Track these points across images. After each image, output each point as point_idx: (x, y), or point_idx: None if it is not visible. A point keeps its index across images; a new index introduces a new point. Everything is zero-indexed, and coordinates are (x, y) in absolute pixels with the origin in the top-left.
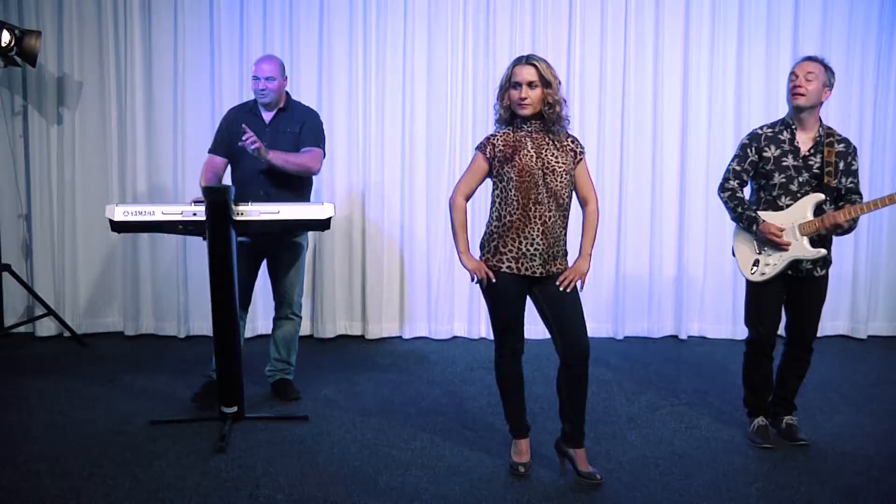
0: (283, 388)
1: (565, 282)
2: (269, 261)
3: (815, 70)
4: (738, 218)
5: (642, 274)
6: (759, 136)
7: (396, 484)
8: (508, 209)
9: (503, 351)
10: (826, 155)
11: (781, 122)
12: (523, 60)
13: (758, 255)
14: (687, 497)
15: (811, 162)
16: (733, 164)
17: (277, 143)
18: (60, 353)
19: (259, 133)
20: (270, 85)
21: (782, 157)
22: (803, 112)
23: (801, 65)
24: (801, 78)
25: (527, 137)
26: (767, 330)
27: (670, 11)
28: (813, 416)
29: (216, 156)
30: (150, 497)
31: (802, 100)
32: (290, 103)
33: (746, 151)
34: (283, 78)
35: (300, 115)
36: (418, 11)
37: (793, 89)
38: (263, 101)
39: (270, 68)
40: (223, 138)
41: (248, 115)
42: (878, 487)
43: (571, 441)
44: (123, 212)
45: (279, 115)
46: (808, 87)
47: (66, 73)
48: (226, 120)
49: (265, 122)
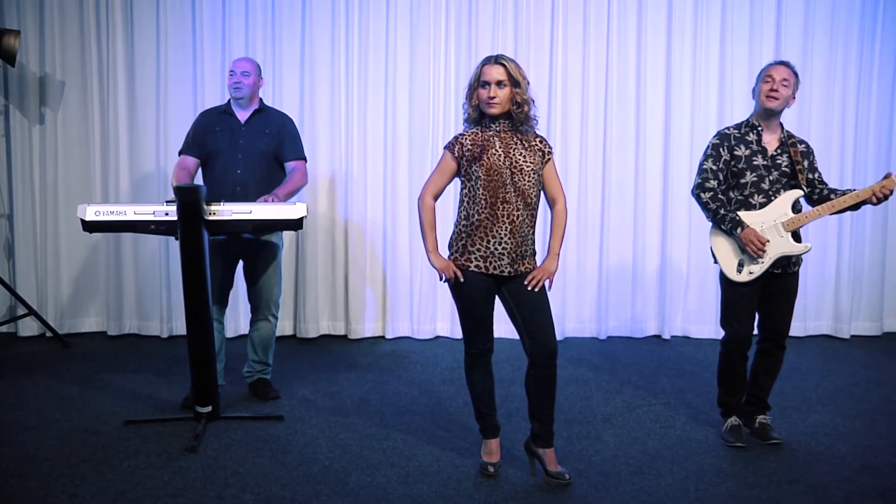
0: (262, 387)
1: (533, 281)
2: (245, 263)
3: (789, 78)
4: (720, 220)
5: (625, 274)
6: (728, 136)
7: (365, 483)
8: (477, 208)
9: (472, 350)
10: (793, 154)
11: (746, 123)
12: (492, 60)
13: (742, 256)
14: (654, 497)
15: (779, 161)
16: (708, 164)
17: (255, 142)
18: (42, 353)
19: (234, 130)
20: (246, 80)
21: (752, 156)
22: (772, 115)
23: (776, 68)
24: (778, 83)
25: (495, 137)
26: (745, 329)
27: (653, 10)
28: (789, 416)
29: (188, 157)
30: (117, 497)
31: (776, 103)
32: (264, 106)
33: (719, 151)
34: (259, 78)
35: (277, 119)
36: (400, 12)
37: (769, 92)
38: (238, 96)
39: (247, 65)
40: (196, 139)
41: (223, 115)
42: (847, 487)
43: (540, 441)
44: (95, 211)
45: (255, 116)
46: (783, 93)
47: (48, 72)
48: (199, 122)
49: (241, 121)
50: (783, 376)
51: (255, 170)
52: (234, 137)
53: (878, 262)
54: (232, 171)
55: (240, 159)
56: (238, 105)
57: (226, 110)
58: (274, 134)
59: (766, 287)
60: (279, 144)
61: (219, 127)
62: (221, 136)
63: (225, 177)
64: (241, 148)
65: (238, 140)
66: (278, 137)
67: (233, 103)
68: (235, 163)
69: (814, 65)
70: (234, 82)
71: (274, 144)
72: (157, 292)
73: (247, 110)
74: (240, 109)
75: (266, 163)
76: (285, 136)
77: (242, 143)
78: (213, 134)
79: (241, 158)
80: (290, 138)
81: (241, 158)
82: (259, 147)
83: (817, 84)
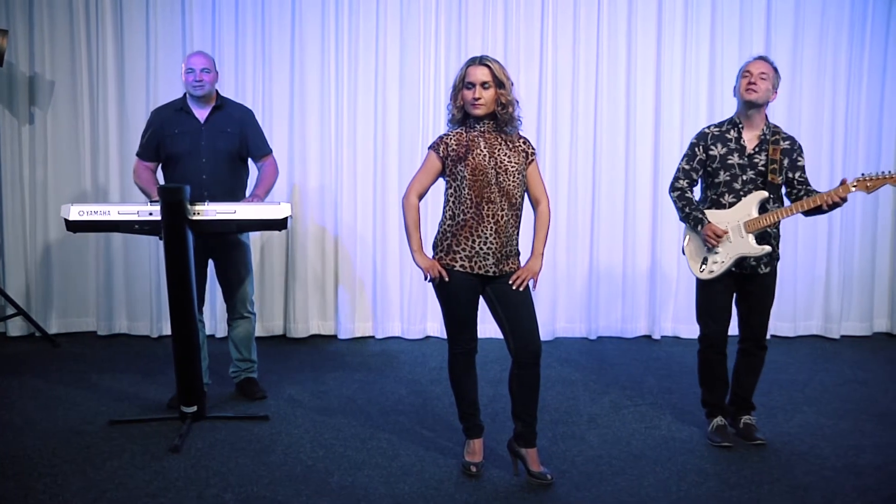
0: (249, 387)
1: (517, 281)
2: (216, 263)
3: (767, 71)
4: (685, 218)
5: (615, 275)
6: (706, 135)
7: (347, 484)
8: (462, 208)
9: (456, 350)
10: (771, 153)
11: (729, 121)
12: (477, 61)
13: (706, 254)
14: (635, 497)
15: (756, 160)
16: (682, 164)
17: (217, 143)
18: (31, 353)
19: (195, 132)
20: (206, 77)
21: (728, 155)
22: (752, 109)
23: (754, 63)
24: (756, 76)
25: (479, 137)
26: (718, 327)
27: (643, 10)
28: (774, 416)
29: (146, 162)
30: (98, 497)
31: (755, 96)
32: (222, 100)
33: (694, 150)
34: (216, 73)
35: (238, 115)
36: (390, 13)
37: (747, 85)
38: (198, 94)
39: (206, 61)
40: (153, 142)
41: (180, 114)
42: (827, 486)
43: (523, 441)
44: (79, 211)
45: (214, 113)
46: (761, 86)
47: (38, 72)
48: (154, 122)
49: (200, 120)
50: (770, 376)
51: (220, 172)
52: (195, 139)
53: (868, 262)
54: (197, 176)
55: (204, 163)
56: (196, 103)
57: (182, 108)
58: (236, 133)
59: (741, 287)
60: (242, 142)
61: (177, 129)
62: (181, 138)
63: (189, 180)
64: (204, 150)
65: (199, 142)
66: (241, 135)
67: (189, 100)
68: (199, 167)
69: (804, 63)
70: (195, 80)
71: (237, 143)
72: (147, 292)
73: (205, 108)
74: (197, 107)
75: (230, 163)
76: (248, 132)
77: (204, 145)
78: (172, 137)
79: (204, 162)
80: (253, 134)
81: (204, 162)
82: (222, 148)
83: (807, 82)
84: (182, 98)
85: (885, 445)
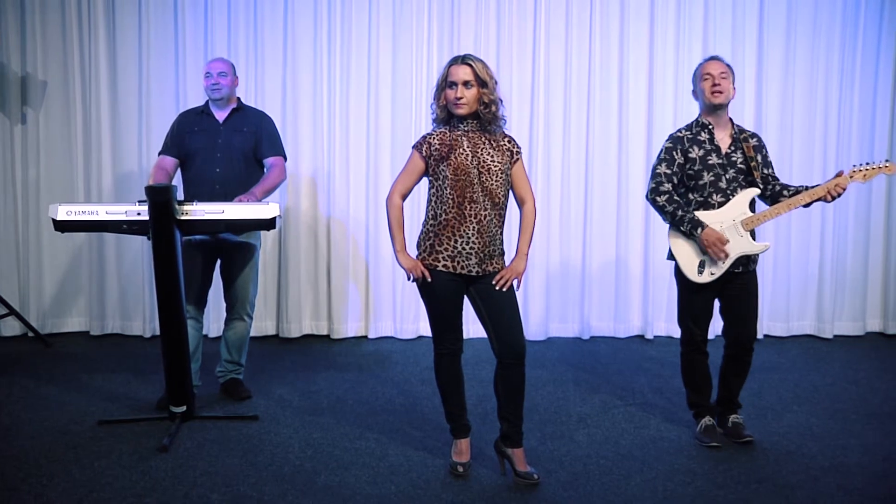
0: (234, 387)
1: (501, 281)
2: (222, 262)
3: (726, 70)
4: (678, 222)
5: (609, 275)
6: (681, 139)
7: (334, 483)
8: (444, 207)
9: (441, 350)
10: (746, 150)
11: (696, 123)
12: (459, 60)
13: (703, 257)
14: (622, 497)
15: (734, 158)
16: (662, 168)
17: (233, 140)
18: (23, 352)
19: (213, 131)
20: (223, 80)
21: (707, 156)
22: (720, 109)
23: (712, 64)
24: (717, 77)
25: (463, 137)
26: (701, 329)
27: (635, 9)
28: (764, 416)
29: (167, 156)
30: (83, 497)
31: (722, 97)
32: (241, 105)
33: (672, 154)
34: (235, 77)
35: (255, 117)
36: (383, 10)
37: (712, 87)
38: (216, 97)
39: (223, 65)
40: (175, 139)
41: (201, 116)
42: (813, 486)
43: (509, 441)
44: (67, 211)
45: (233, 115)
46: (725, 86)
47: (30, 72)
48: (178, 122)
49: (219, 121)
50: (761, 376)
51: (234, 168)
52: (213, 137)
53: (860, 262)
54: (211, 170)
55: (218, 158)
56: (216, 105)
57: (204, 111)
58: (252, 132)
59: (725, 288)
60: (257, 142)
61: (197, 127)
62: (200, 135)
63: (204, 176)
64: (220, 147)
65: (216, 139)
66: (256, 135)
67: (211, 104)
68: (214, 161)
69: (796, 64)
70: (212, 83)
71: (252, 142)
72: (140, 292)
73: (225, 110)
74: (218, 110)
75: (245, 161)
76: (263, 133)
77: (221, 142)
78: (192, 134)
79: (219, 157)
80: (268, 136)
81: (219, 157)
82: (237, 145)
83: (800, 83)
84: (206, 103)
85: (873, 445)
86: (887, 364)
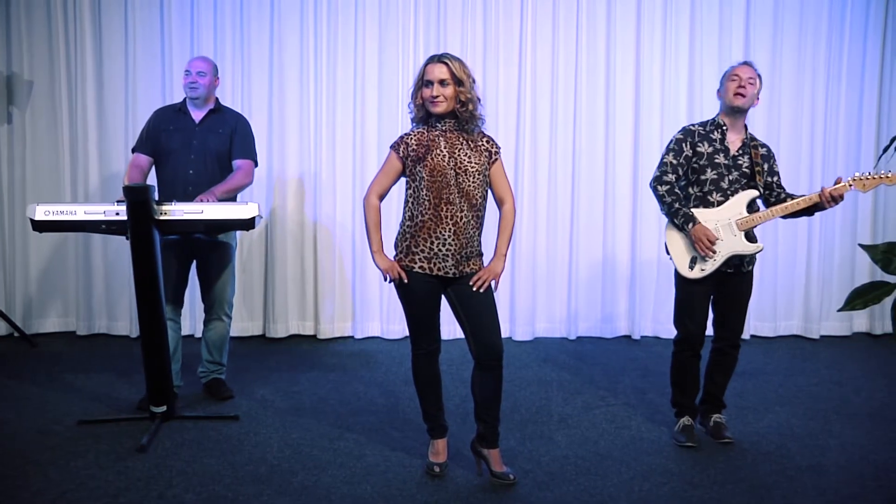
0: (216, 387)
1: (479, 282)
2: (198, 263)
3: (755, 77)
4: (673, 214)
5: (596, 275)
6: (692, 132)
7: (310, 483)
8: (420, 209)
9: (418, 351)
10: (754, 157)
11: (713, 122)
12: (435, 59)
13: (695, 252)
14: (597, 497)
15: (740, 162)
16: (668, 158)
17: (208, 141)
18: (7, 353)
19: (189, 130)
20: (201, 80)
21: (714, 154)
22: (738, 113)
23: (743, 68)
24: (745, 80)
25: (440, 137)
26: (698, 328)
27: (622, 9)
28: (745, 416)
29: (141, 154)
30: (57, 497)
31: (743, 101)
32: (219, 106)
33: (681, 146)
34: (215, 78)
35: (231, 119)
36: (369, 11)
37: (737, 88)
38: (193, 96)
39: (203, 65)
40: (150, 137)
41: (178, 114)
42: (789, 485)
43: (485, 441)
44: (45, 211)
45: (210, 116)
46: (749, 91)
47: (16, 72)
48: (154, 119)
49: (195, 121)
50: (746, 377)
51: (207, 170)
52: (188, 137)
53: (847, 262)
54: (184, 171)
55: (192, 159)
56: (193, 105)
57: (181, 108)
58: (227, 134)
59: (719, 287)
60: (231, 143)
61: (172, 126)
62: (175, 135)
63: (176, 176)
64: (194, 148)
65: (191, 140)
66: (230, 137)
67: (188, 102)
68: (187, 163)
69: (783, 65)
70: (190, 82)
71: (227, 144)
72: (127, 292)
73: (202, 110)
74: (195, 109)
75: (219, 163)
76: (237, 135)
77: (195, 143)
78: (167, 133)
79: (193, 158)
80: (241, 137)
81: (193, 158)
82: (211, 147)
83: (786, 84)
84: (183, 100)
85: (851, 445)
86: (872, 364)
